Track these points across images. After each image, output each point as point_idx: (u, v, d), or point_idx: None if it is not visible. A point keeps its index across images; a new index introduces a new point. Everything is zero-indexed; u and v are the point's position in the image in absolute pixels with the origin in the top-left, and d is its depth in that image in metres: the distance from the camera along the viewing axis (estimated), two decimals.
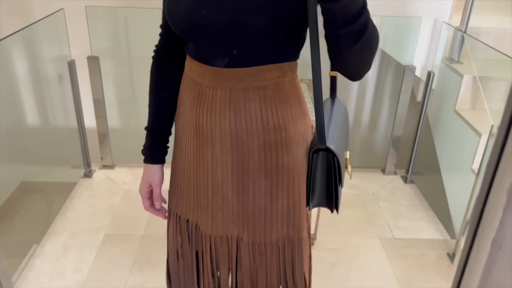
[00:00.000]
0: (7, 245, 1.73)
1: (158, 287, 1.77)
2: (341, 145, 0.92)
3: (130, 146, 2.66)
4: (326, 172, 0.90)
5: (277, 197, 0.93)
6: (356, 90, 2.72)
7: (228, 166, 0.91)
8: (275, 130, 0.88)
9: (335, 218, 2.22)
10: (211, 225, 0.99)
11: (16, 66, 1.98)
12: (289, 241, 0.97)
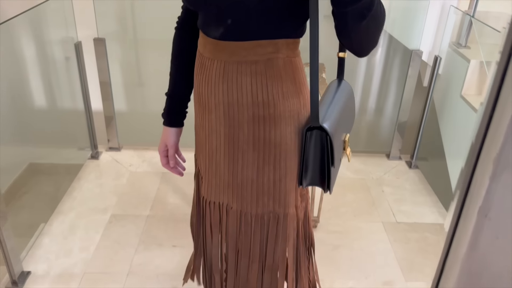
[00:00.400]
0: (15, 224, 1.76)
1: (163, 266, 1.81)
2: (339, 126, 0.92)
3: (136, 128, 2.69)
4: (319, 151, 0.90)
5: (263, 170, 0.95)
6: (363, 75, 2.71)
7: (221, 135, 0.95)
8: (264, 105, 0.90)
9: (339, 202, 2.23)
10: (207, 191, 1.04)
11: (23, 48, 1.99)
12: (275, 217, 0.99)
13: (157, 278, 1.75)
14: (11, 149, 1.83)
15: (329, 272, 1.81)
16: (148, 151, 2.60)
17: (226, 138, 0.94)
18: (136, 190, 2.26)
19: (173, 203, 2.18)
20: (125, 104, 2.66)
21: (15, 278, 1.72)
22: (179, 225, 2.03)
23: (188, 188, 2.28)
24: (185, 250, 1.88)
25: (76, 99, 2.37)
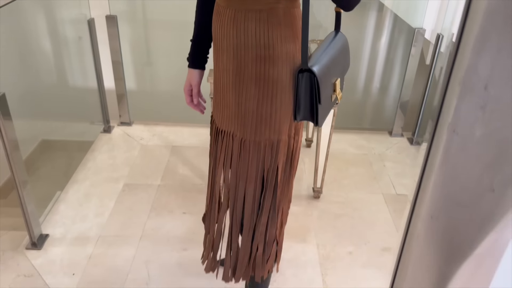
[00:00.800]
0: (32, 192, 1.87)
1: (174, 230, 1.91)
2: (329, 71, 1.10)
3: (146, 105, 2.78)
4: (309, 90, 1.08)
5: (262, 103, 1.11)
6: (368, 54, 2.77)
7: (230, 72, 1.12)
8: (265, 47, 1.06)
9: (342, 175, 2.32)
10: (220, 121, 1.22)
11: (37, 25, 2.08)
12: (270, 143, 1.16)
13: (168, 241, 1.86)
14: (25, 124, 1.91)
15: (330, 238, 1.91)
16: (158, 126, 2.69)
17: (234, 74, 1.11)
18: (147, 161, 2.37)
19: (183, 174, 2.28)
20: (134, 82, 2.75)
21: (34, 240, 1.84)
22: (189, 194, 2.13)
23: (196, 160, 2.38)
24: (194, 217, 1.99)
25: (88, 76, 2.46)
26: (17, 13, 1.87)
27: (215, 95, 1.24)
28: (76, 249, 1.81)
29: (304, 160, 2.45)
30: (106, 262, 1.75)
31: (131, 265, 1.74)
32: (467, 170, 0.49)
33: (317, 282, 1.70)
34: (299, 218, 2.02)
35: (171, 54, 2.73)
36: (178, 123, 2.71)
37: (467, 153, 0.49)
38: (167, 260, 1.77)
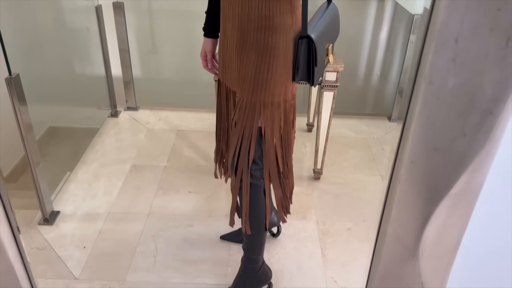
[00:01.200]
0: (43, 172, 1.94)
1: (180, 208, 1.99)
2: (323, 37, 1.25)
3: (151, 92, 2.85)
4: (307, 54, 1.22)
5: (260, 68, 1.23)
6: (368, 42, 2.83)
7: (234, 40, 1.25)
8: (265, 18, 1.18)
9: (341, 158, 2.40)
10: (225, 79, 1.38)
11: (45, 12, 2.15)
12: (264, 104, 1.28)
13: (174, 217, 1.94)
14: (33, 110, 1.97)
15: (330, 215, 1.99)
16: (163, 111, 2.77)
17: (238, 42, 1.24)
18: (154, 144, 2.44)
19: (188, 156, 2.36)
20: (139, 69, 2.82)
21: (46, 216, 1.92)
22: (194, 175, 2.21)
23: (201, 143, 2.45)
24: (199, 196, 2.07)
25: (95, 63, 2.53)
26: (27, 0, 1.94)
27: (220, 60, 1.37)
28: (86, 225, 1.90)
29: (306, 144, 2.52)
30: (115, 236, 1.84)
31: (139, 239, 1.83)
32: (441, 117, 0.57)
33: (316, 255, 1.78)
34: (300, 197, 2.10)
35: (175, 43, 2.80)
36: (183, 108, 2.79)
37: (442, 102, 0.56)
38: (173, 235, 1.85)
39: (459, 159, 0.58)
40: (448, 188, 0.60)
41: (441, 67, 0.54)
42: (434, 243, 0.66)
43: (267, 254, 1.77)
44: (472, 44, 0.51)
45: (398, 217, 0.66)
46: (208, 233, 1.86)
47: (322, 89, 1.98)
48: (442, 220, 0.64)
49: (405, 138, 0.61)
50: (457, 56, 0.53)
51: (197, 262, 1.73)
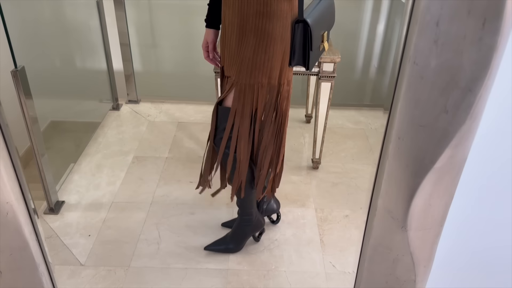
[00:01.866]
0: (48, 163, 1.99)
1: (182, 197, 2.04)
2: (319, 23, 1.34)
3: (152, 85, 2.89)
4: (302, 39, 1.30)
5: (257, 51, 1.32)
6: (366, 35, 2.87)
7: (234, 25, 1.33)
8: (264, 4, 1.26)
9: (339, 148, 2.44)
10: (226, 67, 1.43)
11: (46, 6, 2.18)
12: (262, 85, 1.37)
13: (176, 206, 1.99)
14: (38, 104, 2.01)
15: (328, 203, 2.03)
16: (164, 104, 2.81)
17: (238, 27, 1.32)
18: (155, 136, 2.49)
19: (189, 147, 2.40)
20: (140, 63, 2.86)
21: (52, 206, 1.97)
22: (195, 165, 2.26)
23: (201, 135, 2.50)
24: None
25: (96, 57, 2.57)
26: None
27: (222, 45, 1.43)
28: (91, 214, 1.95)
29: (304, 135, 2.57)
30: (120, 224, 1.89)
31: (142, 227, 1.88)
32: (425, 95, 0.61)
33: (315, 241, 1.83)
34: (299, 186, 2.14)
35: (175, 36, 2.83)
36: (184, 100, 2.83)
37: (425, 81, 0.61)
38: (176, 222, 1.90)
39: (442, 135, 0.63)
40: (432, 162, 0.65)
41: (424, 48, 0.59)
42: (421, 215, 0.71)
43: (267, 241, 1.82)
44: (452, 26, 0.56)
45: (388, 190, 0.71)
46: (210, 221, 1.91)
47: (319, 80, 2.02)
48: (428, 193, 0.68)
49: (393, 116, 0.66)
50: (438, 37, 0.57)
51: (199, 248, 1.78)
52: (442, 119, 0.62)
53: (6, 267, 0.79)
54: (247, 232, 1.75)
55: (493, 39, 0.55)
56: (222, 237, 1.78)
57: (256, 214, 1.73)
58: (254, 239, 1.80)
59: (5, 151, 0.69)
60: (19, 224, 0.76)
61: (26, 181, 0.78)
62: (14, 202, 0.74)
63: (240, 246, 1.76)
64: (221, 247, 1.75)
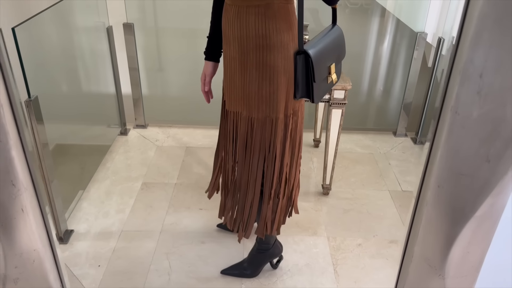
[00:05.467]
0: (58, 190, 1.97)
1: (192, 225, 2.02)
2: (324, 54, 1.32)
3: (159, 109, 2.89)
4: (305, 70, 1.29)
5: (262, 85, 1.31)
6: (371, 59, 2.89)
7: (236, 60, 1.33)
8: (263, 37, 1.25)
9: (349, 173, 2.43)
10: (229, 103, 1.43)
11: (58, 32, 2.20)
12: (270, 120, 1.36)
13: (186, 234, 1.97)
14: (47, 128, 2.01)
15: (340, 231, 2.01)
16: (171, 128, 2.81)
17: (239, 61, 1.32)
18: (163, 161, 2.48)
19: (198, 173, 2.39)
20: (147, 87, 2.87)
21: (61, 235, 1.95)
22: (204, 192, 2.23)
23: (210, 160, 2.49)
24: (210, 213, 2.09)
25: (106, 82, 2.58)
26: (41, 19, 1.99)
27: (225, 81, 1.43)
28: (100, 243, 1.92)
29: (313, 159, 2.56)
30: (129, 254, 1.86)
31: (152, 256, 1.85)
32: (467, 144, 0.61)
33: (329, 271, 1.80)
34: (310, 213, 2.12)
35: (181, 61, 2.85)
36: (191, 125, 2.83)
37: (467, 131, 0.60)
38: (186, 252, 1.87)
39: (483, 184, 0.62)
40: (473, 211, 0.64)
41: (466, 99, 0.58)
42: (459, 262, 0.69)
43: (279, 271, 1.79)
44: (496, 78, 0.55)
45: (425, 238, 0.70)
46: (220, 250, 1.89)
47: (330, 107, 2.02)
48: (467, 240, 0.67)
49: (432, 163, 0.65)
50: (481, 89, 0.57)
51: (211, 279, 1.75)
52: (483, 168, 0.61)
53: None
54: (264, 258, 1.74)
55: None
56: (239, 262, 1.78)
57: (275, 241, 1.73)
58: (271, 266, 1.78)
59: (35, 199, 0.68)
60: (45, 271, 0.75)
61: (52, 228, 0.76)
62: (41, 250, 0.72)
63: (257, 272, 1.75)
64: (237, 271, 1.75)
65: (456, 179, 0.63)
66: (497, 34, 0.53)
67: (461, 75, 0.57)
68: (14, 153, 0.63)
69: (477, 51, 0.55)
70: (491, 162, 0.60)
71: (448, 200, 0.65)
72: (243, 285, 1.73)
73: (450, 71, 0.59)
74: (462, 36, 0.56)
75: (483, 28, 0.54)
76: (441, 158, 0.63)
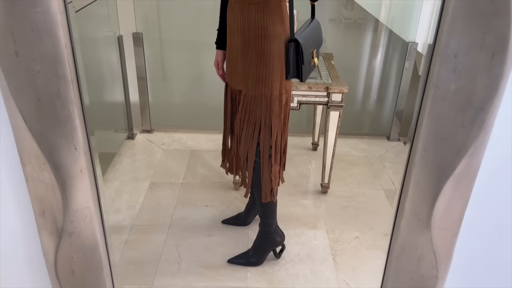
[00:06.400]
0: None
1: (199, 220, 2.14)
2: (308, 42, 1.58)
3: (165, 115, 3.03)
4: (295, 55, 1.55)
5: (260, 68, 1.55)
6: (365, 68, 3.06)
7: (239, 47, 1.57)
8: (261, 28, 1.51)
9: (346, 174, 2.57)
10: (231, 81, 1.69)
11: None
12: (266, 96, 1.59)
13: (194, 228, 2.09)
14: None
15: (338, 225, 2.14)
16: (176, 133, 2.95)
17: (241, 48, 1.56)
18: (170, 163, 2.61)
19: (202, 174, 2.52)
20: (152, 94, 3.01)
21: None
22: (209, 190, 2.37)
23: (214, 162, 2.62)
24: (215, 209, 2.22)
25: (115, 89, 2.71)
26: None
27: (228, 65, 1.68)
28: (113, 236, 2.03)
29: (311, 161, 2.70)
30: (141, 246, 1.98)
31: (163, 248, 1.97)
32: (446, 113, 0.75)
33: (328, 261, 1.93)
34: (309, 209, 2.26)
35: (185, 70, 3.00)
36: (195, 130, 2.97)
37: (446, 101, 0.75)
38: (195, 244, 1.99)
39: (460, 146, 0.77)
40: (452, 169, 0.78)
41: (445, 76, 0.73)
42: (442, 216, 0.83)
43: (282, 261, 1.92)
44: (467, 58, 0.71)
45: (414, 194, 0.84)
46: (227, 242, 2.01)
47: (328, 109, 2.17)
48: (449, 196, 0.81)
49: (418, 131, 0.80)
50: (456, 67, 0.72)
51: (218, 267, 1.87)
52: (460, 132, 0.75)
53: (78, 267, 0.89)
54: (267, 246, 1.88)
55: (500, 68, 0.69)
56: (245, 251, 1.91)
57: (276, 227, 1.87)
58: (275, 255, 1.91)
59: (90, 163, 0.81)
60: (94, 227, 0.87)
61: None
62: (92, 208, 0.85)
63: (262, 260, 1.89)
64: (243, 260, 1.89)
65: (439, 142, 0.77)
66: (467, 23, 0.69)
67: (440, 56, 0.72)
68: (78, 122, 0.77)
69: (452, 36, 0.70)
70: (466, 127, 0.75)
71: (432, 161, 0.79)
72: (249, 272, 1.85)
73: (431, 53, 0.74)
74: (441, 26, 0.71)
75: (456, 18, 0.69)
76: (425, 125, 0.78)
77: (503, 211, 0.87)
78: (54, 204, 0.80)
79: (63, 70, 0.75)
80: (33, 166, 0.78)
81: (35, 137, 0.75)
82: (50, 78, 0.74)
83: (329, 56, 2.57)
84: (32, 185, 0.80)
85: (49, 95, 0.74)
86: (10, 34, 0.69)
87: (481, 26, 0.68)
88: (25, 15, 0.69)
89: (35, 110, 0.74)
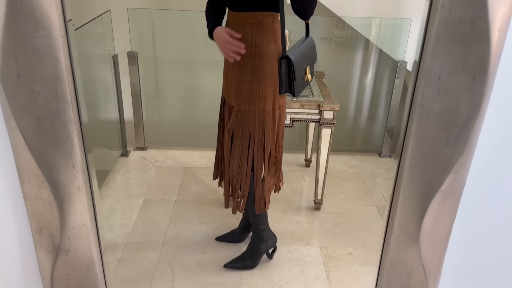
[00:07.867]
0: None
1: (192, 237, 2.15)
2: (301, 59, 1.64)
3: (158, 132, 3.06)
4: (287, 71, 1.60)
5: (253, 84, 1.62)
6: (356, 87, 3.11)
7: (234, 65, 1.64)
8: (255, 46, 1.58)
9: (338, 190, 2.60)
10: (226, 96, 1.75)
11: None
12: (259, 111, 1.65)
13: (188, 246, 2.09)
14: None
15: (331, 241, 2.16)
16: (170, 150, 2.97)
17: (236, 65, 1.63)
18: (163, 180, 2.62)
19: (196, 191, 2.53)
20: (146, 112, 3.04)
21: None
22: (203, 207, 2.38)
23: (207, 179, 2.64)
24: (209, 226, 2.23)
25: (109, 107, 2.74)
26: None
27: (224, 81, 1.74)
28: (107, 254, 2.03)
29: (304, 178, 2.72)
30: (134, 264, 1.98)
31: (156, 266, 1.97)
32: (431, 132, 0.79)
33: (322, 277, 1.94)
34: (303, 225, 2.27)
35: (178, 89, 3.04)
36: (189, 147, 2.99)
37: (431, 121, 0.78)
38: (188, 261, 2.00)
39: (446, 163, 0.80)
40: (439, 186, 0.81)
41: (429, 96, 0.77)
42: (431, 231, 0.86)
43: (276, 277, 1.93)
44: (450, 79, 0.74)
45: (403, 210, 0.86)
46: (220, 259, 2.01)
47: (320, 126, 2.21)
48: (436, 211, 0.84)
49: (406, 149, 0.83)
50: (440, 88, 0.75)
51: (212, 285, 1.87)
52: (445, 150, 0.78)
53: (75, 284, 0.90)
54: (261, 248, 1.96)
55: (482, 88, 0.73)
56: (239, 256, 1.98)
57: (268, 231, 1.96)
58: (268, 256, 1.99)
59: (88, 181, 0.83)
60: (90, 244, 0.89)
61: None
62: (89, 225, 0.87)
63: (256, 262, 1.97)
64: (239, 264, 1.96)
65: (425, 160, 0.80)
66: (449, 46, 0.72)
67: (425, 78, 0.76)
68: (76, 141, 0.79)
69: (435, 59, 0.74)
70: (451, 145, 0.78)
71: (419, 178, 0.82)
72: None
73: (416, 75, 0.78)
74: (424, 48, 0.75)
75: (438, 42, 0.73)
76: (412, 143, 0.81)
77: (490, 225, 0.90)
78: (51, 221, 0.81)
79: (63, 91, 0.77)
80: (32, 184, 0.80)
81: (34, 156, 0.77)
82: (51, 99, 0.76)
83: (320, 74, 2.62)
84: (30, 203, 0.82)
85: (49, 115, 0.76)
86: (12, 56, 0.72)
87: (462, 49, 0.71)
88: (28, 38, 0.72)
89: (35, 130, 0.76)
